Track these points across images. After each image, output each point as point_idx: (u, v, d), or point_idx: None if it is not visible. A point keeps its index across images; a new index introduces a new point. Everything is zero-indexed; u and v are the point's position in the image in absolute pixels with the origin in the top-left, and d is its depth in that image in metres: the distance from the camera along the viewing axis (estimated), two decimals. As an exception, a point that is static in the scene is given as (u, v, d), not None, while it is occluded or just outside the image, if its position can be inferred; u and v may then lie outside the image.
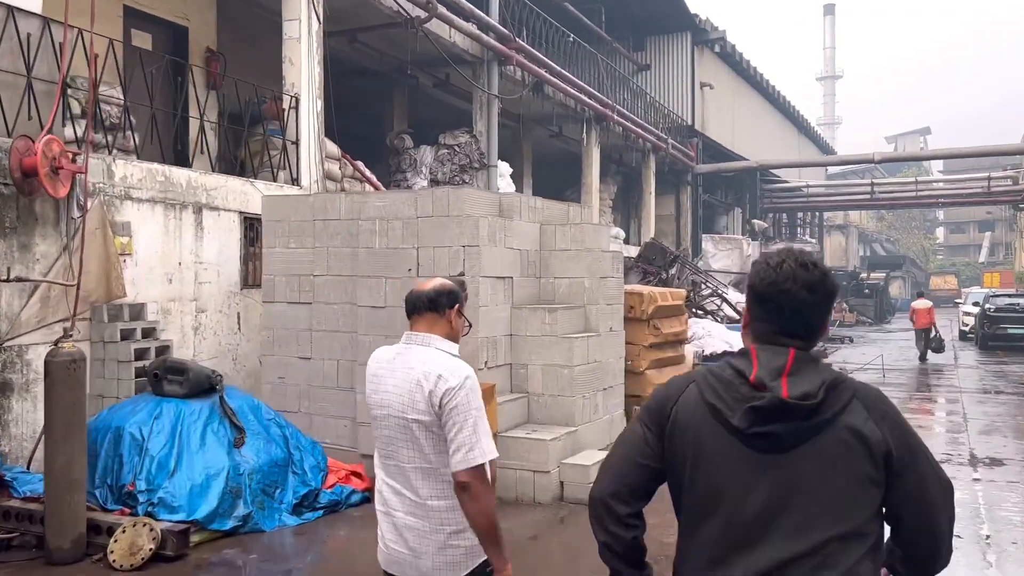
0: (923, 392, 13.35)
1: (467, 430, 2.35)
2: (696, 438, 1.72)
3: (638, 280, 14.45)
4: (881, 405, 1.71)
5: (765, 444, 1.66)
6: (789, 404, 1.63)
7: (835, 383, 1.68)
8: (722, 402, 1.70)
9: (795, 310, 1.72)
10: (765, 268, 1.77)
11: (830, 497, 1.65)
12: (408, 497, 2.45)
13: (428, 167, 13.27)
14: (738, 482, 1.68)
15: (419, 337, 2.51)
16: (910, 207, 40.70)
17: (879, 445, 1.66)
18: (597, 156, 18.32)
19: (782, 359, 1.68)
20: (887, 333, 29.19)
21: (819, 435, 1.65)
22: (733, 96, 30.19)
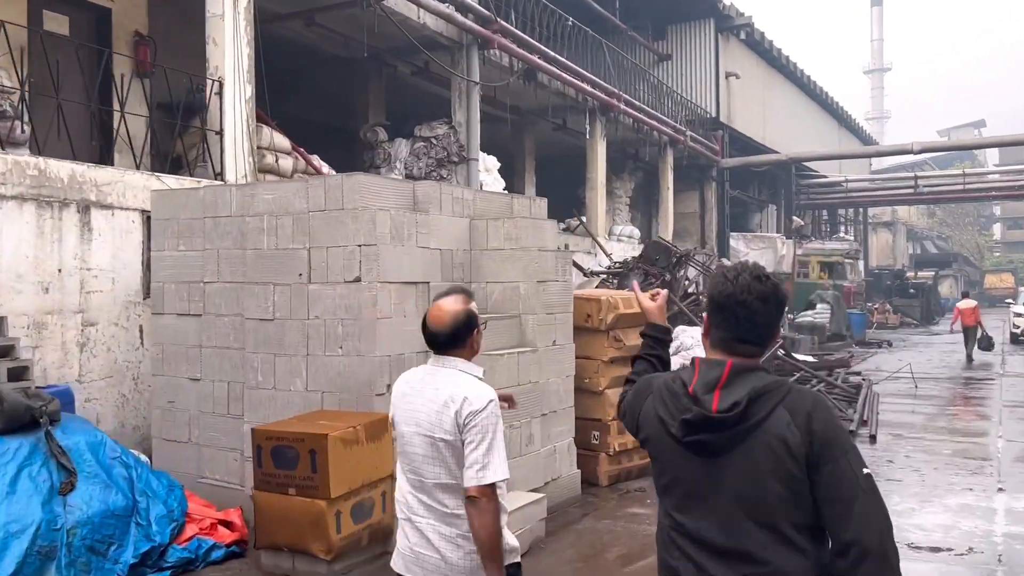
0: (957, 406, 11.84)
1: (482, 449, 2.50)
2: (654, 441, 2.06)
3: (640, 283, 13.16)
4: (805, 409, 1.87)
5: (699, 450, 1.93)
6: (713, 417, 1.88)
7: (760, 392, 1.88)
8: (667, 413, 1.99)
9: (748, 318, 1.93)
10: (723, 281, 1.98)
11: (757, 497, 1.86)
12: (436, 508, 2.60)
13: (403, 162, 12.21)
14: (686, 479, 1.98)
15: (445, 360, 2.66)
16: (958, 201, 38.48)
17: (798, 447, 1.84)
18: (603, 150, 17.06)
19: (718, 372, 1.92)
20: (932, 336, 27.31)
21: (746, 441, 1.87)
22: (763, 87, 28.61)
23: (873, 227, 53.50)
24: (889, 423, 10.18)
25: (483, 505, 2.50)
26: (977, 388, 13.67)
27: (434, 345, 2.69)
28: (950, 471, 7.72)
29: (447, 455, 2.57)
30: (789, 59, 30.29)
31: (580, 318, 7.00)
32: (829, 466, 1.82)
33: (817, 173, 34.19)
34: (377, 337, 5.34)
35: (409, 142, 12.28)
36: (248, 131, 8.35)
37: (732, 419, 1.85)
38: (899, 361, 18.41)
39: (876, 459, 8.14)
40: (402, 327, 5.54)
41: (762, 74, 28.55)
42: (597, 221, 16.80)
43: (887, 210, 56.24)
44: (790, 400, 1.87)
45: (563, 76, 14.60)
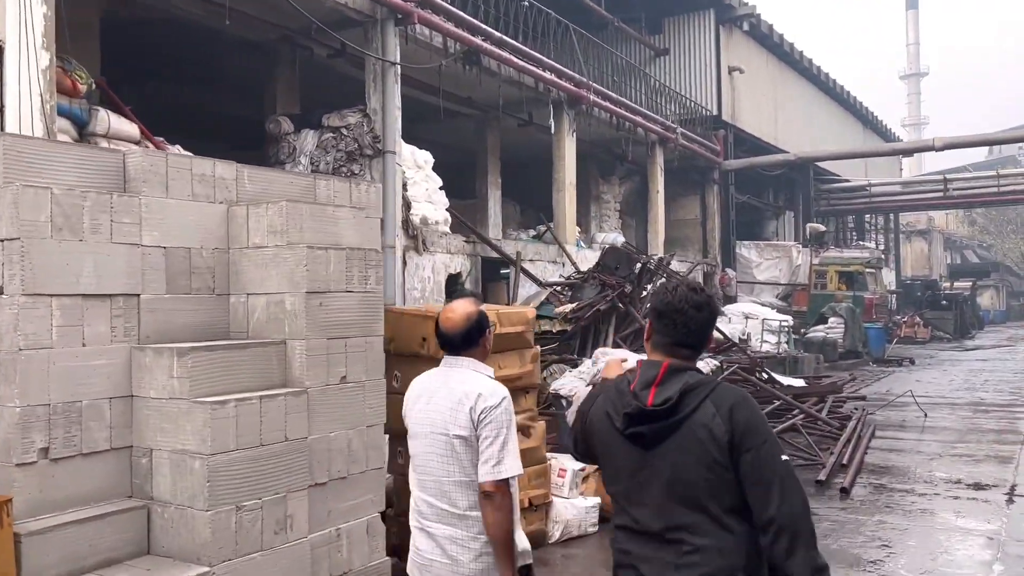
0: (969, 442, 9.74)
1: (496, 445, 2.57)
2: (600, 436, 2.31)
3: (595, 295, 11.32)
4: (728, 401, 2.13)
5: (639, 441, 2.19)
6: (647, 410, 2.16)
7: (690, 388, 2.15)
8: (613, 409, 2.26)
9: (684, 324, 2.22)
10: (664, 292, 2.29)
11: (687, 481, 2.12)
12: (446, 510, 2.64)
13: (309, 155, 10.53)
14: (629, 468, 2.24)
15: (457, 361, 2.74)
16: (992, 204, 35.78)
17: (722, 436, 2.09)
18: (571, 147, 15.23)
19: (655, 371, 2.20)
20: (964, 352, 24.86)
21: (677, 431, 2.14)
22: (774, 84, 26.54)
23: (907, 236, 50.80)
24: (877, 467, 8.19)
25: (498, 501, 2.55)
26: (1001, 418, 11.51)
27: (448, 347, 2.77)
28: (939, 553, 5.71)
29: (461, 452, 2.62)
30: (803, 55, 28.19)
31: (412, 343, 5.20)
32: (750, 453, 2.08)
33: (839, 177, 31.94)
34: (20, 376, 3.58)
35: (317, 133, 10.60)
36: (44, 110, 6.71)
37: (664, 412, 2.14)
38: (916, 383, 16.22)
39: (835, 530, 6.14)
40: (77, 361, 3.78)
41: (772, 70, 26.50)
42: (566, 226, 14.95)
43: (922, 218, 53.55)
44: (716, 395, 2.15)
45: (514, 61, 12.83)
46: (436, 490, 2.66)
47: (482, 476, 2.56)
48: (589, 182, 19.87)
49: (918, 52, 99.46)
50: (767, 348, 18.45)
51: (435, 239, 11.38)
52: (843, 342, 20.25)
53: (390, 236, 10.16)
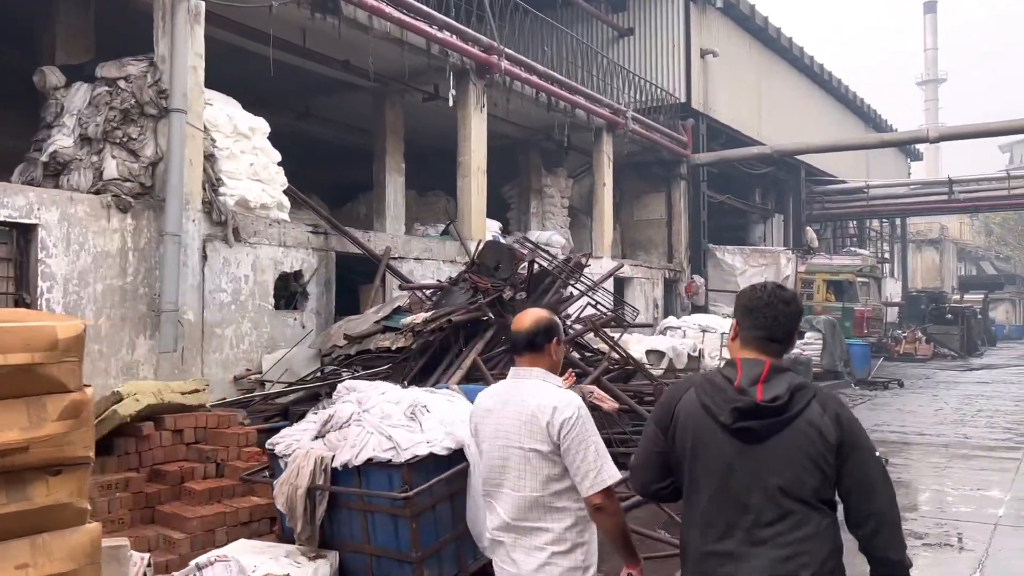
0: (924, 514, 7.18)
1: (591, 456, 2.54)
2: (694, 430, 2.30)
3: (466, 301, 8.87)
4: (833, 405, 2.27)
5: (746, 436, 2.23)
6: (762, 405, 2.21)
7: (799, 387, 2.24)
8: (713, 403, 2.27)
9: (775, 318, 2.31)
10: (753, 290, 2.40)
11: (794, 475, 2.20)
12: (519, 524, 2.63)
13: (77, 115, 8.18)
14: (724, 465, 2.25)
15: (526, 372, 2.72)
16: (1002, 209, 32.95)
17: (831, 436, 2.21)
18: (480, 125, 12.78)
19: (759, 369, 2.26)
20: (965, 372, 22.14)
21: (786, 428, 2.21)
22: (757, 72, 23.99)
23: (917, 245, 47.92)
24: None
25: (610, 509, 2.56)
26: (980, 470, 8.91)
27: (514, 349, 2.78)
28: None
29: (536, 465, 2.59)
30: (793, 42, 25.63)
31: None
32: (856, 454, 2.23)
33: (835, 178, 29.28)
34: None
35: (89, 88, 8.25)
36: None
37: (776, 408, 2.21)
38: (897, 411, 13.63)
39: None
40: None
41: (756, 57, 23.95)
42: (471, 219, 12.50)
43: (933, 226, 50.59)
44: (820, 397, 2.27)
45: (386, 12, 10.41)
46: (509, 503, 2.65)
47: (586, 491, 2.55)
48: (530, 174, 17.45)
49: (936, 57, 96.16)
50: (727, 367, 15.92)
51: (260, 228, 8.98)
52: (821, 361, 17.64)
53: (174, 221, 7.78)
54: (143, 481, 5.23)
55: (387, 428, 4.55)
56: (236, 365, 8.63)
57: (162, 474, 5.35)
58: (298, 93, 14.02)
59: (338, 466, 4.49)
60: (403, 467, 4.35)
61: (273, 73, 10.62)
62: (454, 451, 4.55)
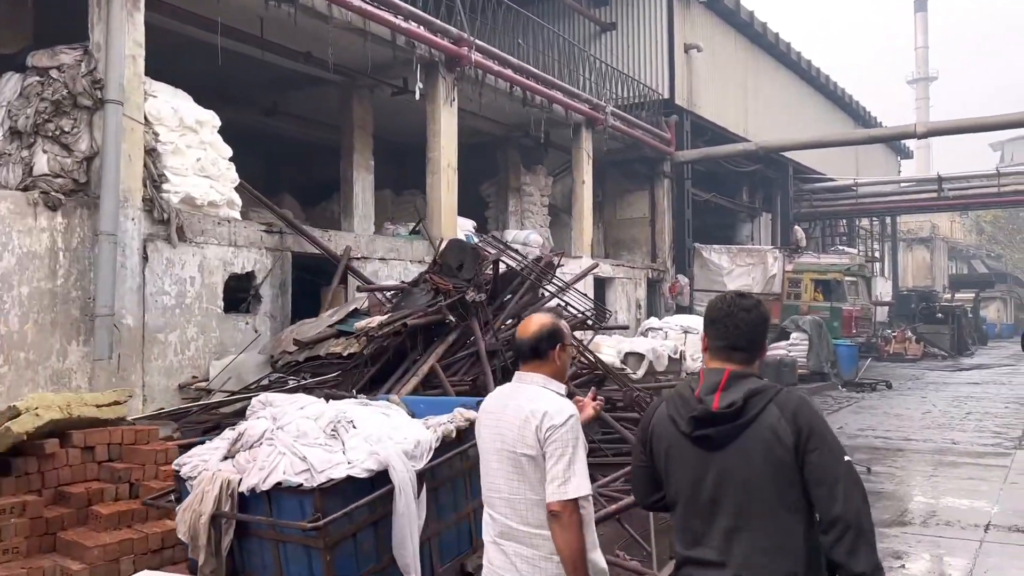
0: (904, 531, 6.74)
1: (563, 464, 2.49)
2: (666, 442, 2.36)
3: (427, 303, 8.40)
4: (792, 405, 2.22)
5: (705, 444, 2.26)
6: (715, 413, 2.24)
7: (754, 392, 2.24)
8: (677, 414, 2.33)
9: (736, 327, 2.34)
10: (715, 302, 2.43)
11: (758, 480, 2.20)
12: (520, 529, 2.57)
13: (7, 107, 7.68)
14: (694, 471, 2.29)
15: (528, 376, 2.68)
16: (991, 206, 32.58)
17: (788, 436, 2.18)
18: (451, 120, 12.30)
19: (718, 377, 2.29)
20: (955, 372, 21.75)
21: (743, 433, 2.21)
22: (744, 69, 23.59)
23: (907, 243, 47.61)
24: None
25: (565, 520, 2.49)
26: (968, 477, 8.48)
27: (519, 355, 2.76)
28: None
29: (528, 471, 2.56)
30: (780, 38, 25.20)
31: None
32: (814, 454, 2.17)
33: (823, 176, 28.88)
34: None
35: (20, 78, 7.75)
36: None
37: (730, 415, 2.22)
38: (884, 415, 13.22)
39: None
40: None
41: (742, 53, 23.53)
42: (442, 217, 12.03)
43: (924, 225, 50.30)
44: (779, 399, 2.23)
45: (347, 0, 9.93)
46: (507, 508, 2.61)
47: (549, 496, 2.50)
48: (508, 171, 16.98)
49: (927, 56, 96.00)
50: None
51: (208, 227, 8.49)
52: (807, 362, 17.23)
53: (109, 219, 7.30)
54: (43, 505, 4.75)
55: (301, 448, 4.08)
56: (181, 372, 8.13)
57: (67, 496, 4.87)
58: (264, 88, 13.54)
59: (245, 491, 4.02)
60: (315, 492, 3.88)
61: (230, 65, 10.20)
62: (378, 473, 4.08)
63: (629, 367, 13.79)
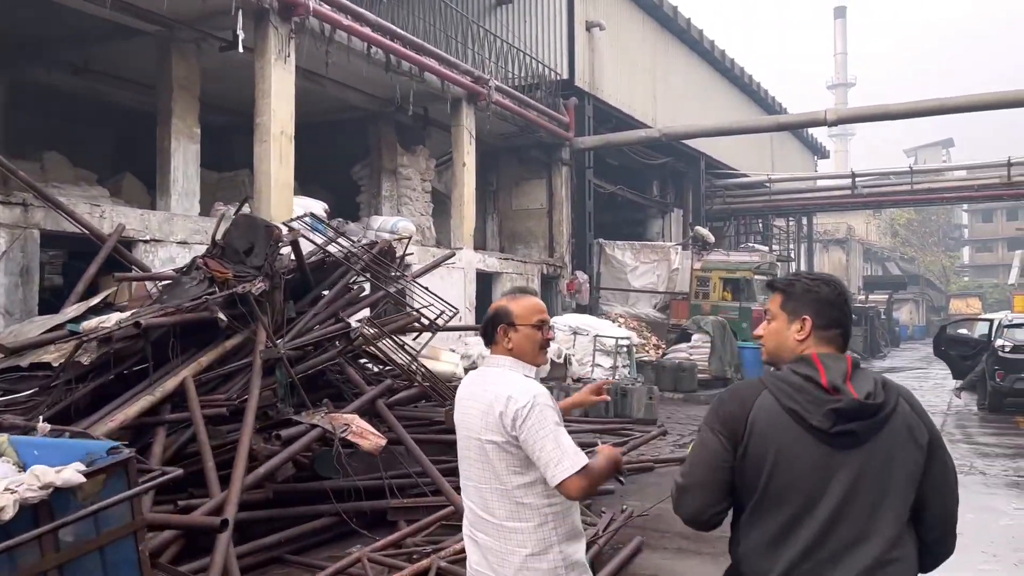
0: None
1: (550, 445, 2.34)
2: (778, 440, 1.94)
3: (203, 293, 6.45)
4: (916, 401, 2.02)
5: (845, 441, 1.92)
6: (865, 404, 1.92)
7: (886, 383, 1.98)
8: (800, 406, 1.94)
9: (849, 312, 2.12)
10: (826, 282, 2.12)
11: (893, 482, 1.94)
12: (488, 520, 2.47)
13: None
14: (817, 476, 1.92)
15: (494, 360, 2.58)
16: (905, 204, 32.08)
17: (922, 434, 1.97)
18: (286, 80, 10.34)
19: (843, 364, 1.98)
20: (866, 376, 20.72)
21: (883, 428, 1.94)
22: (653, 54, 22.22)
23: (824, 244, 47.44)
24: None
25: (582, 487, 2.32)
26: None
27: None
28: None
29: (494, 458, 2.42)
30: (691, 23, 23.95)
31: None
32: (941, 453, 2.00)
33: (736, 172, 27.85)
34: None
35: None
36: None
37: (876, 407, 1.93)
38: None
39: None
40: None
41: (651, 37, 22.17)
42: (271, 195, 10.07)
43: (841, 226, 50.35)
44: (904, 393, 2.01)
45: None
46: (477, 497, 2.50)
47: (552, 481, 2.33)
48: (382, 151, 15.10)
49: (845, 62, 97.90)
50: (599, 374, 13.92)
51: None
52: (709, 365, 15.83)
53: None
54: None
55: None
56: None
57: None
58: (72, 42, 11.36)
59: None
60: None
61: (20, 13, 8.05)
62: None
63: (505, 373, 12.09)
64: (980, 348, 14.06)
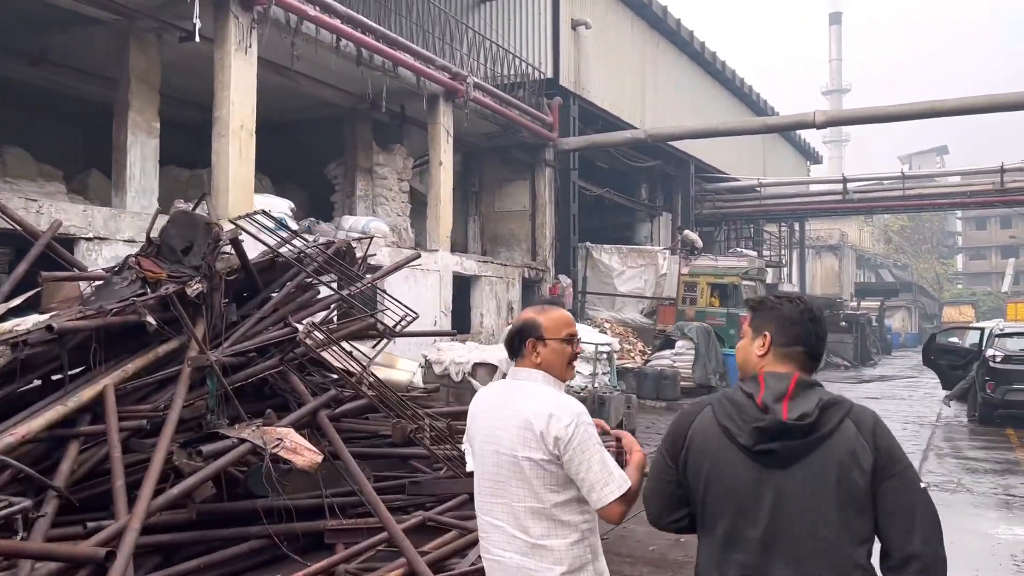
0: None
1: (596, 466, 2.29)
2: (712, 454, 1.97)
3: (133, 294, 5.99)
4: (870, 423, 1.91)
5: (768, 460, 1.89)
6: (787, 424, 1.87)
7: (829, 404, 1.90)
8: (733, 423, 1.95)
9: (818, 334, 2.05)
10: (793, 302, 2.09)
11: (828, 506, 1.85)
12: (521, 538, 2.36)
13: None
14: (746, 492, 1.92)
15: (524, 373, 2.47)
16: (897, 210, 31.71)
17: (867, 459, 1.86)
18: (246, 71, 9.89)
19: (784, 384, 1.94)
20: (856, 384, 20.39)
21: (816, 451, 1.86)
22: (642, 56, 21.81)
23: (816, 251, 47.08)
24: None
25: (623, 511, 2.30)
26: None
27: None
28: None
29: (531, 476, 2.33)
30: (681, 24, 23.55)
31: None
32: (893, 480, 1.87)
33: (727, 176, 27.45)
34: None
35: None
36: None
37: (804, 428, 1.88)
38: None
39: None
40: None
41: (639, 38, 21.76)
42: (229, 192, 9.61)
43: (834, 232, 49.97)
44: (855, 414, 1.92)
45: None
46: (507, 515, 2.37)
47: (595, 505, 2.30)
48: (357, 149, 14.65)
49: (840, 68, 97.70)
50: (579, 381, 13.45)
51: None
52: (693, 373, 15.40)
53: None
54: None
55: None
56: None
57: None
58: (28, 31, 10.90)
59: None
60: None
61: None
62: None
63: (478, 380, 11.66)
64: (970, 357, 13.65)
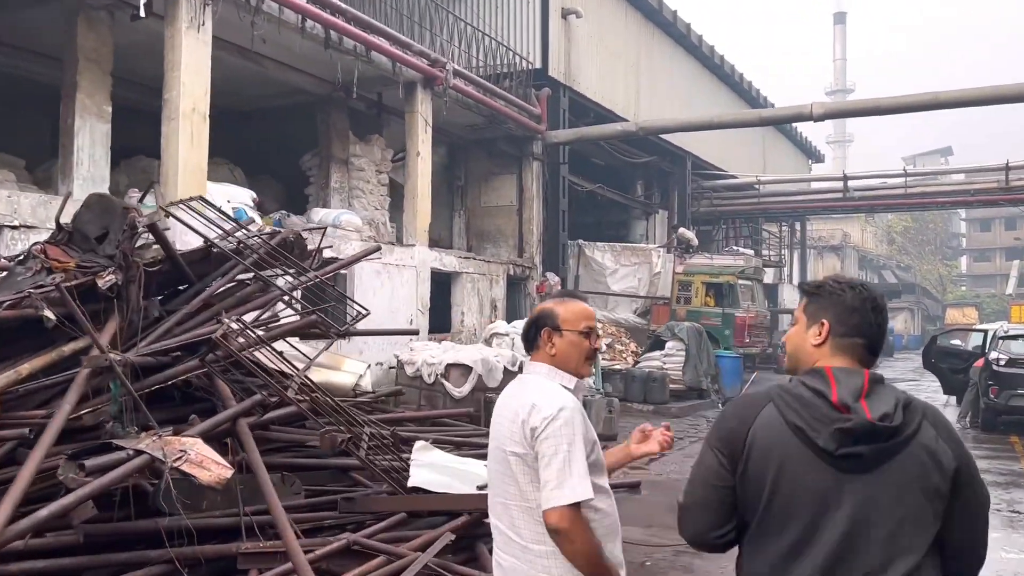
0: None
1: (556, 464, 2.14)
2: (780, 458, 1.78)
3: (32, 285, 5.34)
4: (945, 423, 1.81)
5: (850, 464, 1.73)
6: (877, 426, 1.73)
7: (907, 403, 1.79)
8: (805, 423, 1.77)
9: (879, 326, 1.90)
10: (855, 289, 1.92)
11: (909, 513, 1.74)
12: (513, 539, 2.28)
13: None
14: (822, 498, 1.75)
15: (532, 367, 2.41)
16: (898, 209, 31.01)
17: (949, 462, 1.75)
18: (200, 52, 9.22)
19: (858, 380, 1.79)
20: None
21: (899, 454, 1.74)
22: (636, 47, 21.14)
23: (819, 251, 46.39)
24: None
25: (568, 532, 2.13)
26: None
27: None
28: None
29: (517, 471, 2.23)
30: (678, 16, 22.88)
31: None
32: (973, 485, 1.81)
33: (725, 172, 26.76)
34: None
35: None
36: None
37: (891, 430, 1.76)
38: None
39: None
40: None
41: (634, 29, 21.09)
42: (177, 180, 8.96)
43: (836, 232, 49.29)
44: (931, 414, 1.82)
45: None
46: (505, 515, 2.31)
47: (543, 503, 2.14)
48: (331, 139, 13.99)
49: (844, 68, 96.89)
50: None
51: None
52: (683, 376, 14.73)
53: None
54: None
55: None
56: None
57: None
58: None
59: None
60: None
61: None
62: None
63: (451, 382, 11.02)
64: (973, 361, 12.98)
